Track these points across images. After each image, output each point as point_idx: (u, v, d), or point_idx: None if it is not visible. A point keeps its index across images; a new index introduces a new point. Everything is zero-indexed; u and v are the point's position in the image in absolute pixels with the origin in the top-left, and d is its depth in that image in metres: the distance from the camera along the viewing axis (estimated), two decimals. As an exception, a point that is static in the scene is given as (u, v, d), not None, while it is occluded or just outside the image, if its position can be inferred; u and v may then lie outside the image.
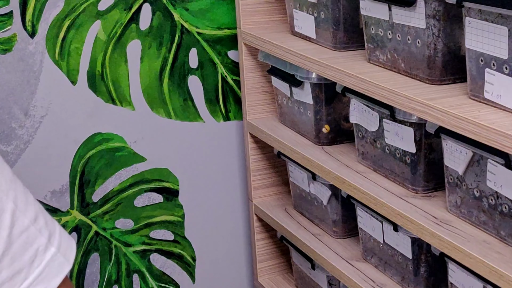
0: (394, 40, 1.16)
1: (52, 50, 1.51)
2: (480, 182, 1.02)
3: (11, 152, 1.52)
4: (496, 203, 1.00)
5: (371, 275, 1.30)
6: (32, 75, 1.50)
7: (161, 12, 1.57)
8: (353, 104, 1.28)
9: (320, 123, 1.41)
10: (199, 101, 1.65)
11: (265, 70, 1.57)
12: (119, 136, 1.61)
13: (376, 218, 1.26)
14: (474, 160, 1.02)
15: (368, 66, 1.22)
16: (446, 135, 1.04)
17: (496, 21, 0.93)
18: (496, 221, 1.01)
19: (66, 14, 1.50)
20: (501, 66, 0.94)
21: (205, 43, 1.62)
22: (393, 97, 1.09)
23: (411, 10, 1.10)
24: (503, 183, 0.97)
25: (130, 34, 1.56)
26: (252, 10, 1.55)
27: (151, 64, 1.59)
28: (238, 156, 1.72)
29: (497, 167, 0.97)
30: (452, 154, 1.06)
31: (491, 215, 1.02)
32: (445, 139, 1.06)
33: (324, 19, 1.34)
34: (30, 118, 1.52)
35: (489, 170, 0.99)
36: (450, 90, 1.07)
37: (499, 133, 0.90)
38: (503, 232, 1.00)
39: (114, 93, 1.58)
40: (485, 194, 1.02)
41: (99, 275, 1.66)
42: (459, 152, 1.04)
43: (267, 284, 1.69)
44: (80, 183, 1.60)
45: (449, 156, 1.07)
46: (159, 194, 1.67)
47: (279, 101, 1.55)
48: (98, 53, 1.54)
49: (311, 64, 1.30)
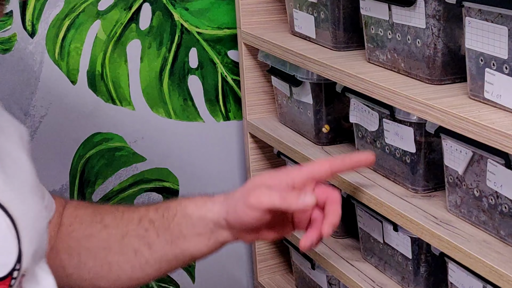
0: (394, 40, 1.16)
1: (52, 50, 1.51)
2: (480, 182, 1.02)
3: (11, 152, 1.52)
4: (496, 203, 1.00)
5: (371, 275, 1.30)
6: (32, 75, 1.50)
7: (161, 12, 1.57)
8: (353, 104, 1.28)
9: (320, 123, 1.41)
10: (199, 101, 1.65)
11: (265, 70, 1.57)
12: (119, 136, 1.61)
13: (376, 218, 1.26)
14: (474, 160, 1.02)
15: (368, 66, 1.22)
16: (446, 135, 1.04)
17: (496, 21, 0.93)
18: (496, 221, 1.01)
19: (66, 14, 1.50)
20: (501, 66, 0.94)
21: (205, 43, 1.62)
22: (393, 97, 1.09)
23: (411, 10, 1.10)
24: (503, 183, 0.97)
25: (130, 34, 1.56)
26: (252, 10, 1.55)
27: (151, 64, 1.59)
28: (238, 156, 1.72)
29: (497, 167, 0.97)
30: (452, 154, 1.06)
31: (491, 215, 1.02)
32: (445, 139, 1.06)
33: (324, 19, 1.34)
34: (30, 118, 1.52)
35: (489, 170, 0.99)
36: (450, 90, 1.07)
37: (499, 133, 0.90)
38: (503, 232, 1.00)
39: (114, 93, 1.58)
40: (485, 194, 1.02)
41: (99, 275, 1.66)
42: (459, 152, 1.04)
43: (267, 284, 1.69)
44: (80, 183, 1.60)
45: (449, 156, 1.07)
46: (159, 194, 1.67)
47: (279, 101, 1.55)
48: (98, 53, 1.54)
49: (311, 64, 1.30)
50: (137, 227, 1.04)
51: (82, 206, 1.09)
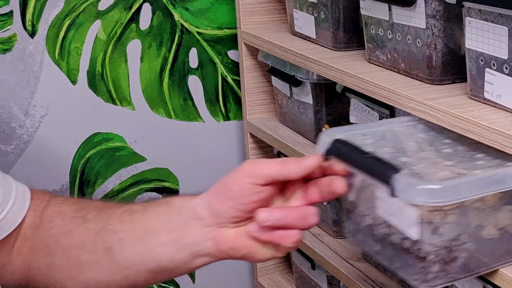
0: (394, 40, 1.16)
1: (52, 49, 1.51)
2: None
3: (11, 152, 1.52)
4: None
5: (371, 275, 1.30)
6: (32, 75, 1.50)
7: (161, 12, 1.57)
8: (353, 104, 1.28)
9: (320, 123, 1.41)
10: (199, 101, 1.65)
11: (265, 70, 1.57)
12: (119, 136, 1.61)
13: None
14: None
15: (368, 66, 1.22)
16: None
17: (496, 21, 0.93)
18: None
19: (66, 13, 1.50)
20: (501, 66, 0.94)
21: (205, 43, 1.62)
22: (393, 97, 1.09)
23: (411, 10, 1.10)
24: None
25: (130, 34, 1.56)
26: (252, 10, 1.55)
27: (151, 63, 1.59)
28: (238, 156, 1.72)
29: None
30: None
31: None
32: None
33: (324, 19, 1.34)
34: (30, 118, 1.52)
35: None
36: (450, 90, 1.07)
37: (499, 133, 0.90)
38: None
39: (114, 93, 1.58)
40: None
41: (99, 275, 1.66)
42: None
43: (267, 284, 1.69)
44: (80, 183, 1.60)
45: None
46: (159, 194, 1.67)
47: (279, 101, 1.55)
48: (98, 52, 1.54)
49: (311, 64, 1.30)
50: (116, 221, 0.95)
51: (68, 202, 1.00)
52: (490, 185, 0.87)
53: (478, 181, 0.86)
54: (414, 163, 0.94)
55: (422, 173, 0.90)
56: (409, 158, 0.96)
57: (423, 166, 0.93)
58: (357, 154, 0.90)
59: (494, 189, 0.87)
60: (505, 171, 0.88)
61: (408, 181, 0.84)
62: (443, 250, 0.88)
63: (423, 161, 0.95)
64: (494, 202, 0.89)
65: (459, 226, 0.88)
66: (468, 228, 0.89)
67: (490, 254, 0.92)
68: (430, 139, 1.02)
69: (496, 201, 0.89)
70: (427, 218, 0.86)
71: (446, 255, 0.88)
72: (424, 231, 0.86)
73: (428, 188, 0.83)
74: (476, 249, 0.90)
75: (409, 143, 1.02)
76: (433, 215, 0.86)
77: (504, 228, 0.91)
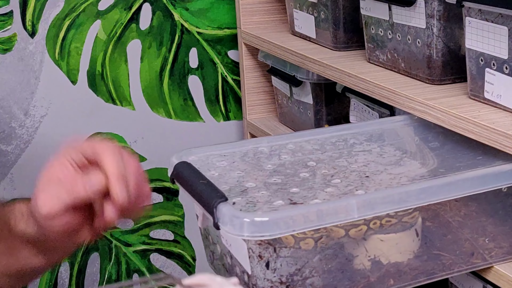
0: (394, 40, 1.16)
1: (52, 49, 1.51)
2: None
3: (11, 152, 1.52)
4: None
5: (371, 275, 1.30)
6: (32, 75, 1.50)
7: (161, 12, 1.57)
8: (353, 104, 1.28)
9: (320, 123, 1.41)
10: (199, 101, 1.65)
11: (265, 70, 1.57)
12: (119, 136, 1.61)
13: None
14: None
15: (368, 66, 1.22)
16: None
17: (496, 21, 0.93)
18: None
19: (66, 13, 1.50)
20: (501, 66, 0.94)
21: (205, 43, 1.62)
22: (393, 97, 1.09)
23: (411, 10, 1.10)
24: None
25: (130, 34, 1.56)
26: (252, 10, 1.55)
27: (151, 63, 1.59)
28: (238, 156, 1.72)
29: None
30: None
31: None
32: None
33: (324, 19, 1.34)
34: (30, 118, 1.52)
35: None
36: (450, 90, 1.07)
37: (499, 133, 0.90)
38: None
39: (114, 93, 1.58)
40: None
41: (99, 275, 1.66)
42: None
43: (267, 284, 1.69)
44: (80, 183, 1.59)
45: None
46: (159, 194, 1.67)
47: (279, 101, 1.55)
48: (98, 52, 1.54)
49: (311, 64, 1.30)
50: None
51: None
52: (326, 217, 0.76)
53: (311, 214, 0.75)
54: (260, 188, 0.86)
55: (258, 202, 0.83)
56: (256, 183, 0.88)
57: (265, 193, 0.85)
58: (195, 179, 0.82)
59: (331, 220, 0.76)
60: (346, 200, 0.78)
61: (232, 212, 0.75)
62: (282, 286, 0.79)
63: (272, 186, 0.86)
64: (344, 234, 0.79)
65: (299, 260, 0.78)
66: (313, 261, 0.79)
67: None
68: (294, 160, 0.94)
69: (351, 233, 0.79)
70: (257, 252, 0.78)
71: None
72: (256, 266, 0.78)
73: (251, 221, 0.74)
74: (331, 282, 0.80)
75: (268, 165, 0.94)
76: (262, 248, 0.77)
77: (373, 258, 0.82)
